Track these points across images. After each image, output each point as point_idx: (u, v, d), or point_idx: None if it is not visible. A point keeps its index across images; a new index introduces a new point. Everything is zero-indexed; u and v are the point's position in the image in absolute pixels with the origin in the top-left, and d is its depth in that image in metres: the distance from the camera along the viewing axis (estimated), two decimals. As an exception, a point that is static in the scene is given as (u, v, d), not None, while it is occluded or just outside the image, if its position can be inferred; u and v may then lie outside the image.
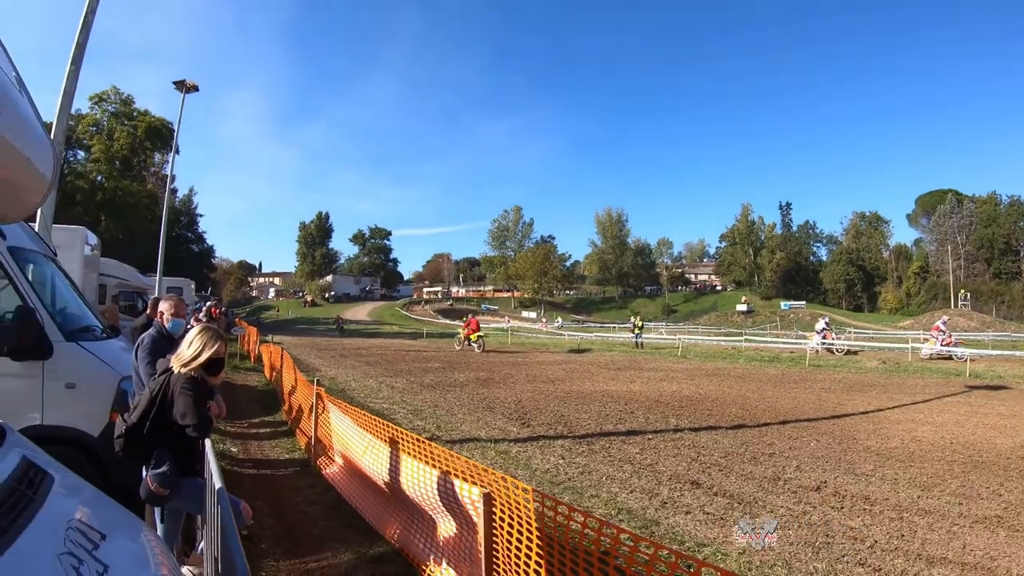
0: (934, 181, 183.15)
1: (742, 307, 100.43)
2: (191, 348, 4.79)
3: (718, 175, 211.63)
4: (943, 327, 32.13)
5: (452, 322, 79.17)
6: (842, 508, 7.92)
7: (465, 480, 4.80)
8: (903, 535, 7.01)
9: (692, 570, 3.13)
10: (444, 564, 5.16)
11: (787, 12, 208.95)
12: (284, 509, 7.72)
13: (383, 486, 6.38)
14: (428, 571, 5.42)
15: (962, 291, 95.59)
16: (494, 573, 4.37)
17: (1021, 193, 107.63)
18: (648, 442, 11.72)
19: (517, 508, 4.16)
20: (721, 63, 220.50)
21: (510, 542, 4.18)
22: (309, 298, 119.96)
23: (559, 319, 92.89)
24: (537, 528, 3.96)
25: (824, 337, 34.32)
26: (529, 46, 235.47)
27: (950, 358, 29.53)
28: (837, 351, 33.64)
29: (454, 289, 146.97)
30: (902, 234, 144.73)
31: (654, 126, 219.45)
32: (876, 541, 6.80)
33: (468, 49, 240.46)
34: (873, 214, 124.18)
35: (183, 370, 4.71)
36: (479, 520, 4.40)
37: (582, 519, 3.78)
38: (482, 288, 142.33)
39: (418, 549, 5.72)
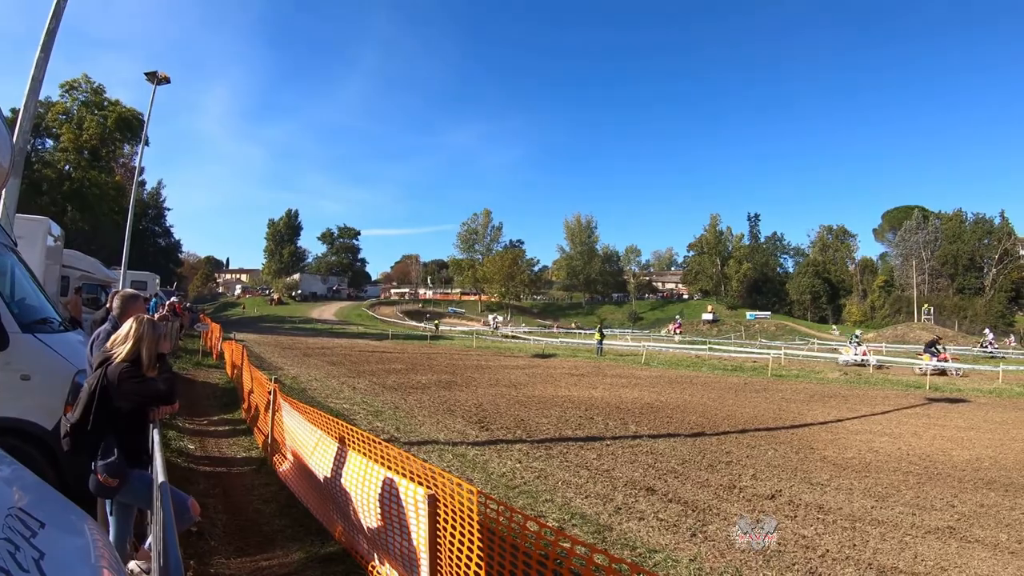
0: (901, 197, 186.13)
1: (708, 316, 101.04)
2: (124, 341, 4.74)
3: (688, 185, 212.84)
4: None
5: (419, 324, 78.86)
6: (795, 517, 7.99)
7: (412, 480, 4.78)
8: (855, 544, 7.09)
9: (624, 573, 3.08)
10: (388, 565, 5.11)
11: (757, 29, 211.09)
12: (237, 507, 7.64)
13: (331, 485, 6.30)
14: (374, 571, 5.40)
15: (925, 305, 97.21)
16: (438, 574, 4.35)
17: (986, 211, 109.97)
18: (606, 448, 11.76)
19: (461, 510, 4.16)
20: (691, 78, 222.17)
21: (452, 543, 4.19)
22: (276, 296, 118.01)
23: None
24: (479, 530, 3.97)
25: (938, 358, 31.00)
26: (502, 52, 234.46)
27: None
28: (956, 372, 30.68)
29: (422, 291, 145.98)
30: (868, 248, 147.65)
31: (624, 135, 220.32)
32: (828, 550, 6.86)
33: (440, 52, 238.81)
34: (840, 228, 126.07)
35: (118, 360, 4.65)
36: (424, 521, 4.38)
37: (521, 519, 3.82)
38: (450, 291, 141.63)
39: (364, 549, 5.68)
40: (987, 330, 66.03)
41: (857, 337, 39.64)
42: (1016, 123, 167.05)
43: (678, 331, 78.85)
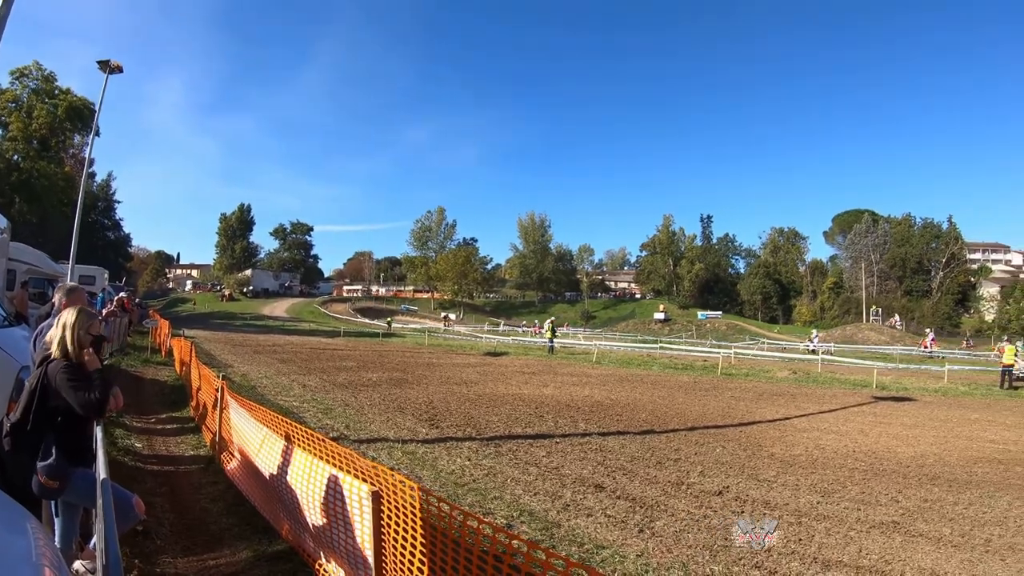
0: (851, 201, 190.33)
1: (659, 315, 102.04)
2: (59, 331, 4.67)
3: (642, 185, 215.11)
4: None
5: (371, 321, 78.43)
6: (742, 513, 8.07)
7: (356, 477, 4.77)
8: (800, 539, 7.19)
9: (562, 568, 3.07)
10: (334, 563, 5.11)
11: (711, 33, 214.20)
12: (184, 506, 7.56)
13: (278, 482, 6.23)
14: (321, 569, 5.38)
15: (874, 307, 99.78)
16: (383, 570, 4.35)
17: (934, 216, 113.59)
18: (556, 446, 11.79)
19: (404, 506, 4.18)
20: (645, 80, 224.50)
21: (396, 539, 4.20)
22: (227, 292, 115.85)
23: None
24: (421, 526, 4.01)
25: None
26: (458, 50, 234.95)
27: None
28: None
29: (375, 288, 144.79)
30: (818, 250, 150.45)
31: (578, 135, 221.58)
32: (774, 545, 6.94)
33: (399, 48, 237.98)
34: (791, 230, 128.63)
35: (57, 355, 4.60)
36: (368, 517, 4.38)
37: (461, 516, 3.81)
38: (403, 288, 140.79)
39: (311, 547, 5.66)
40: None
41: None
42: (964, 131, 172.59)
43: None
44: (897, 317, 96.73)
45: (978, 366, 37.61)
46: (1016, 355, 28.20)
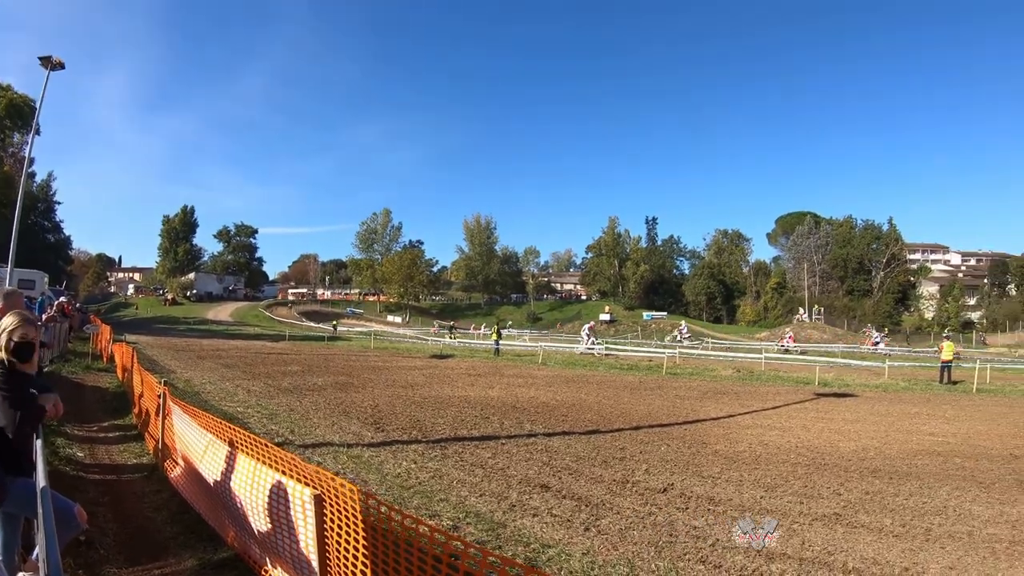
0: (794, 203, 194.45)
1: (605, 317, 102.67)
2: None
3: (588, 188, 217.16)
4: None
5: (317, 325, 77.49)
6: (687, 509, 8.17)
7: (299, 481, 4.75)
8: (745, 533, 7.24)
9: (497, 567, 3.06)
10: (280, 568, 5.07)
11: (656, 34, 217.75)
12: (128, 515, 7.39)
13: (222, 489, 6.16)
14: (267, 575, 5.33)
15: (816, 306, 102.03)
16: (328, 574, 4.35)
17: (875, 218, 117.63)
18: (501, 447, 11.81)
19: (345, 509, 4.21)
20: (591, 80, 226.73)
21: (340, 543, 4.22)
22: (170, 296, 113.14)
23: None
24: (363, 528, 4.02)
25: None
26: (405, 50, 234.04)
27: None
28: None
29: (320, 291, 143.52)
30: (762, 251, 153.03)
31: (524, 136, 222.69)
32: (718, 539, 7.03)
33: (345, 47, 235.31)
34: (735, 232, 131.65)
35: None
36: (311, 521, 4.37)
37: (400, 517, 3.86)
38: (349, 291, 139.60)
39: (256, 553, 5.60)
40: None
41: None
42: (906, 134, 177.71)
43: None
44: (822, 314, 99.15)
45: (919, 362, 38.66)
46: (954, 351, 29.18)
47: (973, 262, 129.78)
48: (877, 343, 57.59)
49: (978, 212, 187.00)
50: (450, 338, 56.94)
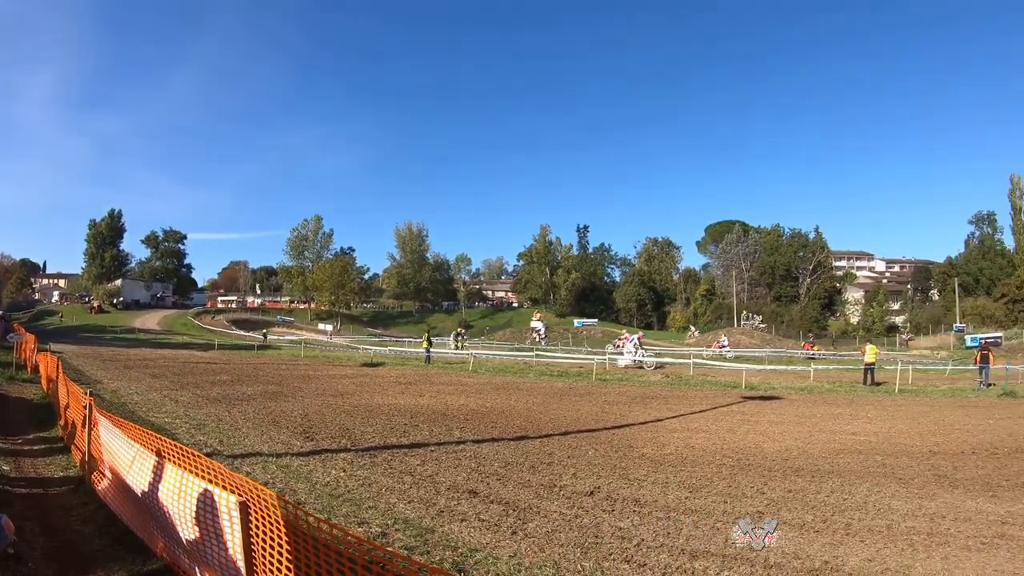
0: (723, 212, 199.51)
1: (536, 324, 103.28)
2: None
3: (520, 196, 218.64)
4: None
5: (246, 333, 76.21)
6: (613, 511, 8.33)
7: (225, 489, 4.77)
8: (669, 533, 7.48)
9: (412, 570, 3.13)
10: None
11: (586, 42, 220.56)
12: (56, 528, 7.31)
13: (150, 500, 6.13)
14: None
15: (745, 312, 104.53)
16: None
17: (802, 226, 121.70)
18: (431, 454, 11.83)
19: (269, 516, 4.27)
20: (522, 88, 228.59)
21: (265, 548, 4.28)
22: (96, 303, 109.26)
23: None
24: (286, 534, 4.10)
25: None
26: (339, 54, 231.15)
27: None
28: None
29: (250, 299, 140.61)
30: (691, 259, 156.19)
31: (457, 144, 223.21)
32: (643, 539, 7.20)
33: (279, 50, 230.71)
34: (665, 240, 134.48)
35: None
36: (237, 528, 4.39)
37: (314, 520, 3.98)
38: (279, 299, 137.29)
39: (185, 563, 5.58)
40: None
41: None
42: (834, 146, 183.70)
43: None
44: (750, 316, 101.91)
45: (844, 365, 39.86)
46: (877, 354, 30.28)
47: (897, 269, 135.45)
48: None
49: (902, 222, 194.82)
50: (455, 347, 53.03)
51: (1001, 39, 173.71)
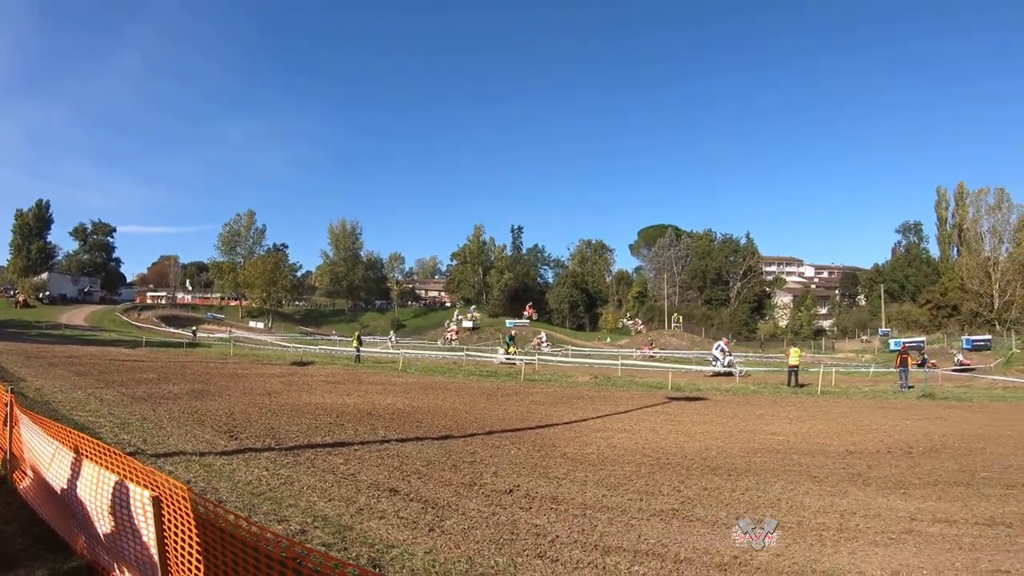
0: (656, 216, 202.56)
1: (468, 324, 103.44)
2: None
3: (453, 195, 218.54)
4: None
5: (176, 330, 74.87)
6: (530, 508, 8.54)
7: (138, 484, 4.79)
8: (584, 530, 7.70)
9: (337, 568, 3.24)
10: (128, 572, 5.07)
11: (528, 41, 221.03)
12: None
13: (69, 497, 6.12)
14: None
15: (676, 314, 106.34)
16: (168, 572, 4.44)
17: (733, 232, 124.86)
18: (354, 453, 11.90)
19: (180, 510, 4.32)
20: (462, 86, 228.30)
21: (177, 544, 4.36)
22: (21, 298, 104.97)
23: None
24: (196, 527, 4.17)
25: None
26: (275, 48, 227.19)
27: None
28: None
29: (180, 295, 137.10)
30: (624, 262, 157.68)
31: (395, 142, 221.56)
32: (558, 536, 7.40)
33: (216, 39, 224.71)
34: (599, 242, 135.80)
35: None
36: (151, 523, 4.44)
37: (233, 518, 4.02)
38: (210, 295, 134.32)
39: (105, 560, 5.57)
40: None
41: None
42: (767, 155, 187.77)
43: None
44: (680, 318, 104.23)
45: (770, 367, 40.93)
46: (800, 356, 31.25)
47: (825, 274, 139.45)
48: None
49: (832, 229, 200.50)
50: (504, 354, 44.11)
51: (927, 49, 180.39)
